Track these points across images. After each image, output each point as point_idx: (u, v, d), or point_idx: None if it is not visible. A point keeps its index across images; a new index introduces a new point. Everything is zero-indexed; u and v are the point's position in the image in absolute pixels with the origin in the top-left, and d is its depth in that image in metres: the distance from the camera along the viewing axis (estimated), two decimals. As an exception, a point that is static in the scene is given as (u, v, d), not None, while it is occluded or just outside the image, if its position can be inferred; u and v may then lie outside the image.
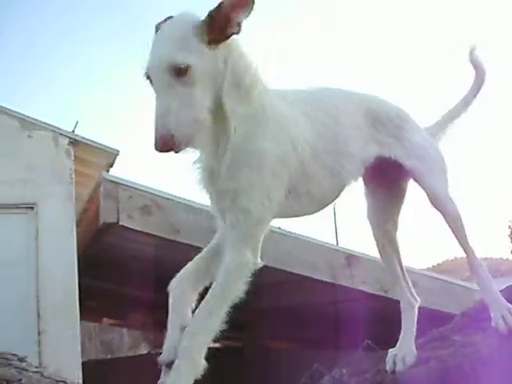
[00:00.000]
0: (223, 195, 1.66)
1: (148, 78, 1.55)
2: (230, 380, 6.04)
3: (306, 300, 6.02)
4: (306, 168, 1.82)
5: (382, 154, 2.11)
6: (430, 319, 2.68)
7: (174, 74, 1.50)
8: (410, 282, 2.39)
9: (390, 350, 2.26)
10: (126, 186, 4.44)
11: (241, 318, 1.82)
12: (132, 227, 4.40)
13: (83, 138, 4.66)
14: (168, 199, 4.58)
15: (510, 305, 2.12)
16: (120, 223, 4.39)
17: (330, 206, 2.13)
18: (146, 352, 10.92)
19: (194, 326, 1.61)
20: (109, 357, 11.39)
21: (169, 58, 1.50)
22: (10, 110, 4.57)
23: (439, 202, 2.15)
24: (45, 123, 4.56)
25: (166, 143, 1.49)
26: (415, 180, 2.15)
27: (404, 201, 2.29)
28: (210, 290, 1.63)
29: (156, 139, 1.48)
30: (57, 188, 4.40)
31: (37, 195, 4.34)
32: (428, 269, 6.45)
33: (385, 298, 5.58)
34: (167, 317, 1.75)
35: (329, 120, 1.94)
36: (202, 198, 1.81)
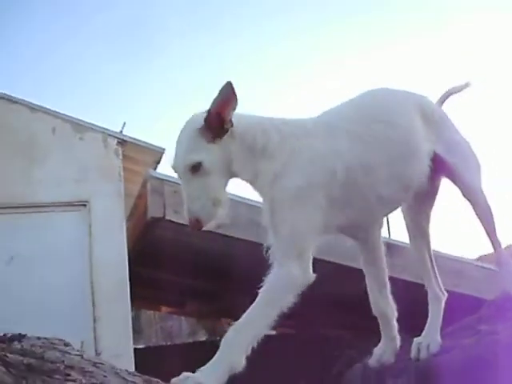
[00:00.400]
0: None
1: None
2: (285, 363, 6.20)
3: (353, 289, 6.13)
4: (354, 186, 1.99)
5: (435, 150, 2.25)
6: (475, 306, 2.77)
7: (190, 171, 1.85)
8: (438, 275, 2.50)
9: (416, 339, 2.37)
10: (171, 182, 4.67)
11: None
12: (178, 221, 4.64)
13: (130, 137, 4.94)
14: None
15: None
16: (166, 217, 4.64)
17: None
18: (202, 339, 11.23)
19: (235, 330, 1.77)
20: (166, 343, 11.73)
21: (183, 160, 1.87)
22: (63, 114, 4.90)
23: (473, 195, 2.29)
24: (95, 125, 4.88)
25: (195, 225, 1.86)
26: (453, 174, 2.28)
27: (437, 196, 2.42)
28: (256, 299, 1.82)
29: (187, 222, 1.87)
30: (107, 186, 4.70)
31: (89, 193, 4.66)
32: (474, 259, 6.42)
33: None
34: (217, 304, 2.00)
35: (382, 129, 2.08)
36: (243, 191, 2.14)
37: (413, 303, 2.31)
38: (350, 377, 2.64)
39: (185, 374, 1.70)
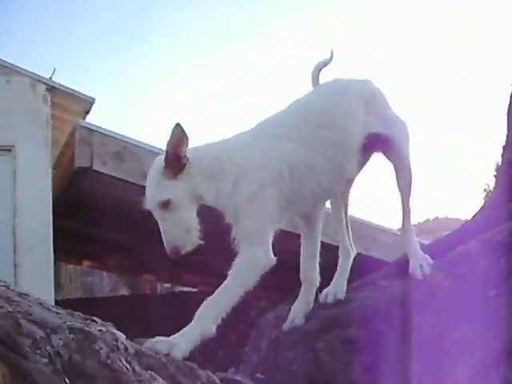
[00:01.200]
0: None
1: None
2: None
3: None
4: (301, 181, 2.28)
5: (367, 131, 2.46)
6: (382, 268, 3.00)
7: (161, 208, 2.11)
8: (350, 233, 2.76)
9: (325, 289, 2.62)
10: (100, 132, 4.68)
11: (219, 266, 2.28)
12: (105, 172, 4.67)
13: (60, 84, 4.86)
14: (140, 147, 4.83)
15: (426, 255, 2.47)
16: (94, 168, 4.65)
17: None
18: (124, 294, 11.26)
19: (208, 303, 2.06)
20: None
21: (153, 200, 2.12)
22: (-12, 55, 4.75)
23: (403, 164, 2.53)
24: (23, 69, 4.76)
25: (175, 253, 2.13)
26: (389, 145, 2.50)
27: (363, 167, 2.63)
28: (226, 279, 2.11)
29: (168, 253, 2.13)
30: (34, 132, 4.62)
31: (14, 138, 4.57)
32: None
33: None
34: (141, 261, 2.20)
35: (327, 134, 2.35)
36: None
37: (327, 262, 2.55)
38: (261, 325, 2.84)
39: (158, 338, 1.95)
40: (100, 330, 1.62)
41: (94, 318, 1.76)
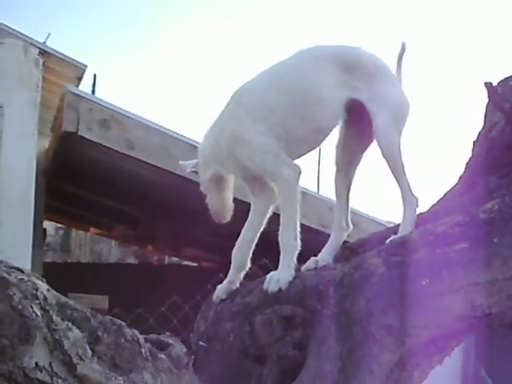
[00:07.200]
0: None
1: None
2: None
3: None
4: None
5: (352, 96, 2.48)
6: None
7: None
8: (349, 210, 2.81)
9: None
10: (88, 99, 4.76)
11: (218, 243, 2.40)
12: (90, 138, 4.76)
13: (53, 49, 4.93)
14: (127, 116, 4.91)
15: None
16: (79, 133, 4.75)
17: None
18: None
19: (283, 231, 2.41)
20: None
21: None
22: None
23: (385, 146, 2.50)
24: (17, 31, 4.83)
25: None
26: (371, 122, 2.50)
27: (370, 143, 2.61)
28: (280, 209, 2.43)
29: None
30: (23, 94, 4.71)
31: (4, 99, 4.66)
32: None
33: (322, 233, 6.01)
34: (140, 231, 2.35)
35: (290, 81, 2.44)
36: (157, 118, 2.55)
37: (304, 245, 2.62)
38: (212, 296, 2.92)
39: (267, 277, 2.41)
40: (21, 279, 1.71)
41: (23, 268, 1.86)
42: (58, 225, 12.14)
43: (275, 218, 2.58)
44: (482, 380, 6.38)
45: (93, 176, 5.93)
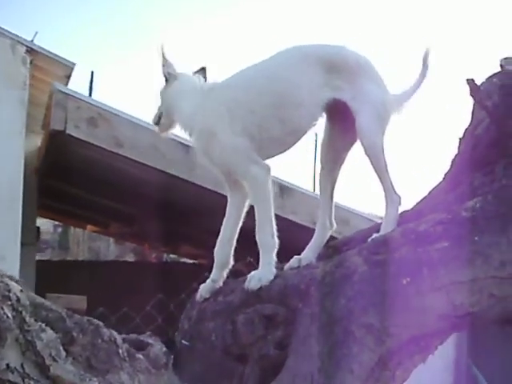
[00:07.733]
0: None
1: None
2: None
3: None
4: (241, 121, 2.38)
5: (334, 96, 2.46)
6: None
7: None
8: (333, 209, 2.79)
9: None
10: (76, 97, 4.74)
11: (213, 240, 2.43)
12: (77, 136, 4.74)
13: (40, 47, 4.90)
14: (114, 114, 4.89)
15: None
16: (67, 132, 4.73)
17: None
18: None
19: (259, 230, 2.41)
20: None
21: None
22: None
23: (367, 143, 2.48)
24: (4, 29, 4.79)
25: None
26: (354, 120, 2.48)
27: (355, 141, 2.59)
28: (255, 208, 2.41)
29: None
30: (10, 93, 4.67)
31: (-9, 96, 4.63)
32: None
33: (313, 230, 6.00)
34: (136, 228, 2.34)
35: (271, 83, 2.43)
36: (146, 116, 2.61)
37: (293, 242, 2.60)
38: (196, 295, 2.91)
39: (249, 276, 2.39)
40: (-8, 280, 1.70)
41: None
42: (56, 222, 12.13)
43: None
44: (473, 376, 6.39)
45: (84, 174, 5.91)
